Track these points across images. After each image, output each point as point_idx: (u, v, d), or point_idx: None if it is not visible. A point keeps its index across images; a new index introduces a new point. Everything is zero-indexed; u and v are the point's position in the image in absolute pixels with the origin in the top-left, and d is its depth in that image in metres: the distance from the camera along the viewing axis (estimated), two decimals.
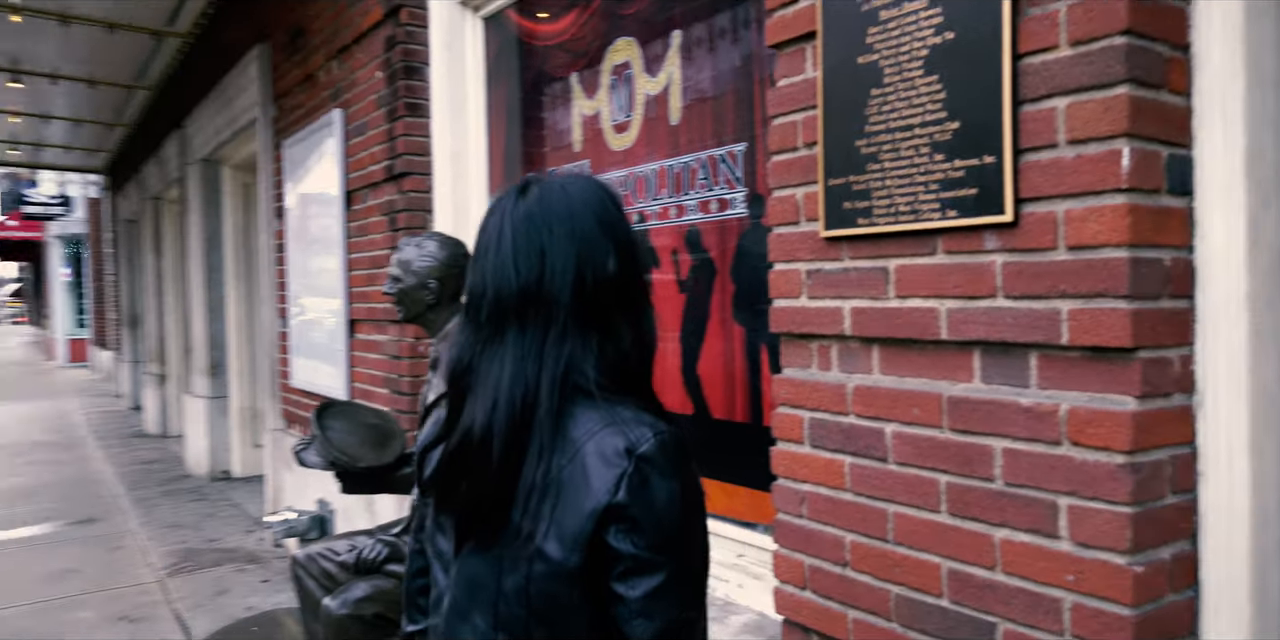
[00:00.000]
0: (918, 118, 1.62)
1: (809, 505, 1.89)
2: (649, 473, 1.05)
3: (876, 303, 1.73)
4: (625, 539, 1.04)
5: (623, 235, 1.17)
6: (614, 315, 1.13)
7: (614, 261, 1.14)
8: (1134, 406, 1.35)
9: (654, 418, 1.10)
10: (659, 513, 1.05)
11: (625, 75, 3.02)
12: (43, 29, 7.51)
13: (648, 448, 1.06)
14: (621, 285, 1.15)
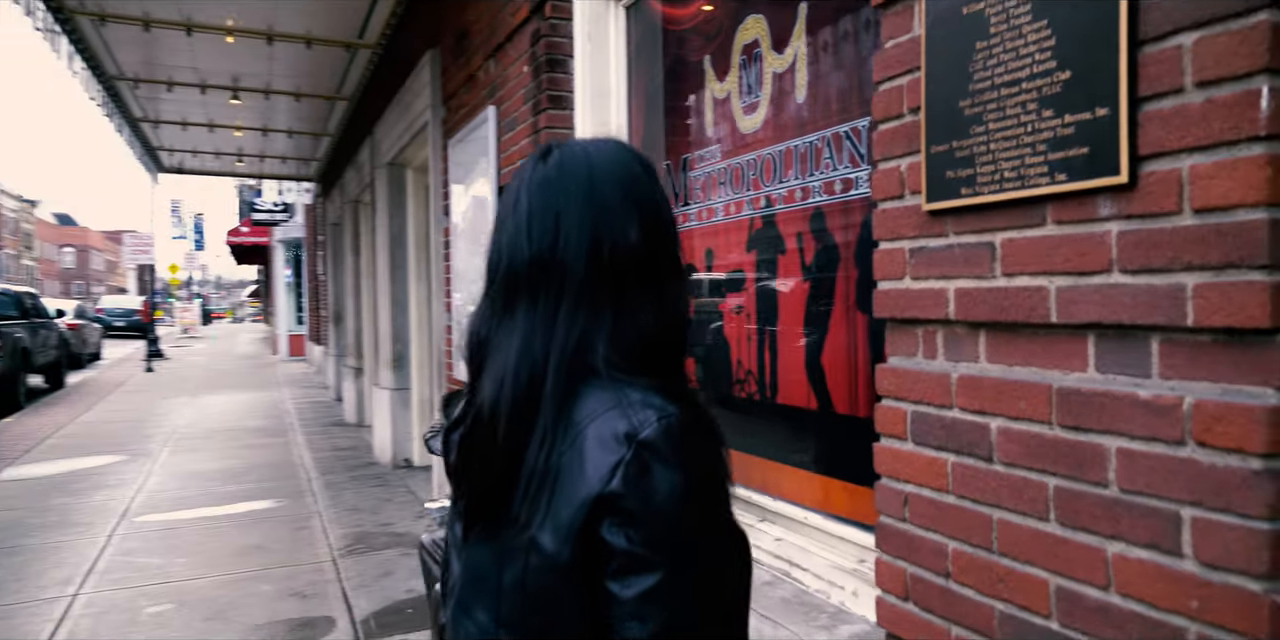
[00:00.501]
0: (1025, 70, 1.42)
1: (911, 508, 1.71)
2: (650, 460, 0.94)
3: (982, 282, 1.53)
4: (619, 533, 0.93)
5: (649, 203, 1.06)
6: (634, 289, 1.03)
7: (637, 231, 1.04)
8: (1274, 400, 1.11)
9: (665, 400, 0.98)
10: (658, 505, 0.93)
11: (754, 54, 2.89)
12: (253, 48, 8.17)
13: (650, 432, 0.94)
14: (645, 257, 1.04)
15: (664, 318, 1.04)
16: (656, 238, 1.05)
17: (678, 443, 0.95)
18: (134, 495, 6.85)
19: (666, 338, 1.05)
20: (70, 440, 9.48)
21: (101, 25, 7.62)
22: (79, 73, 8.36)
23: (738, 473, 2.96)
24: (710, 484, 0.98)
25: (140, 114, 11.29)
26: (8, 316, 13.29)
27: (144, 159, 13.57)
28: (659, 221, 1.06)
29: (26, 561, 5.17)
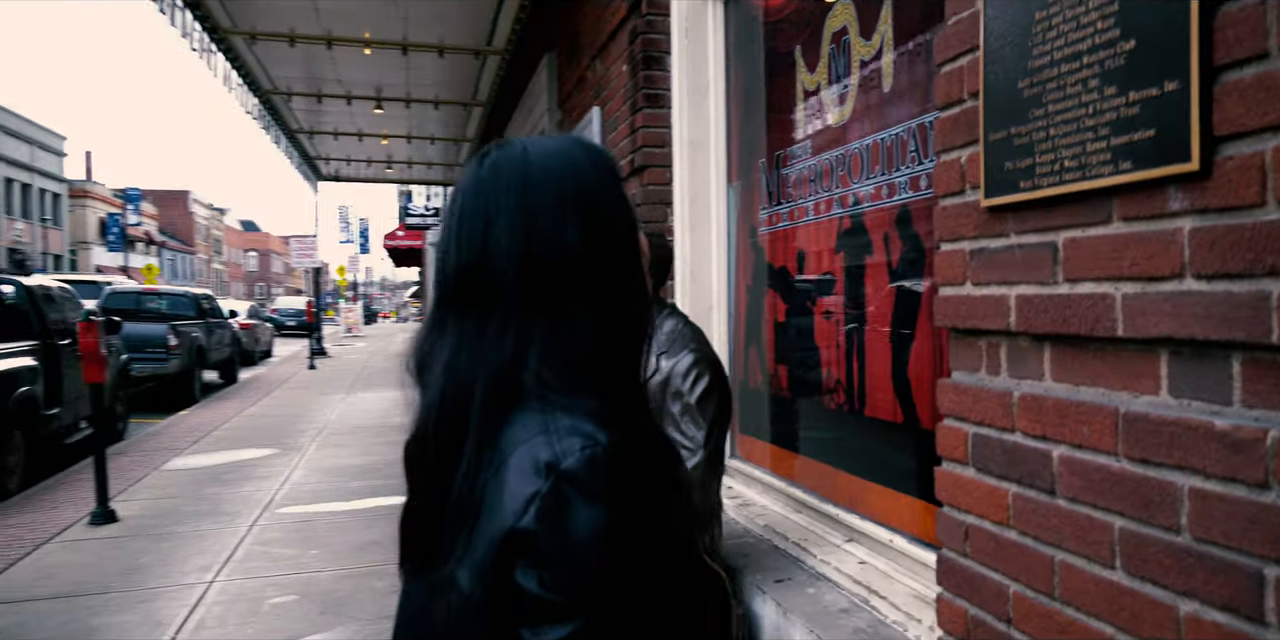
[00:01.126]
0: (1086, 41, 1.21)
1: (972, 542, 1.51)
2: (569, 495, 0.82)
3: (1043, 289, 1.33)
4: (532, 575, 0.82)
5: (593, 204, 0.95)
6: (572, 300, 0.92)
7: (575, 236, 0.92)
8: None
9: (596, 426, 0.86)
10: (575, 546, 0.82)
11: (843, 42, 2.71)
12: (391, 59, 8.49)
13: (572, 462, 0.83)
14: (584, 264, 0.93)
15: (609, 331, 0.93)
16: (601, 242, 0.94)
17: (603, 475, 0.83)
18: (278, 487, 7.20)
19: (612, 353, 0.94)
20: (233, 433, 10.10)
21: (253, 43, 8.09)
22: (235, 89, 8.89)
23: (829, 487, 2.79)
24: (642, 524, 0.85)
25: (296, 126, 11.94)
26: (186, 317, 14.35)
27: (302, 168, 14.36)
28: (605, 225, 0.94)
29: (174, 547, 5.50)
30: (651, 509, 0.86)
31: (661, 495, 0.88)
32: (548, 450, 0.84)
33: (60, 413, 8.16)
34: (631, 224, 0.98)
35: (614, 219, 0.96)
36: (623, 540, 0.84)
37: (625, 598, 0.84)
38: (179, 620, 4.23)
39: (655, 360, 2.54)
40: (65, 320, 8.43)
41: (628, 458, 0.86)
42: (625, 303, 0.95)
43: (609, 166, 0.98)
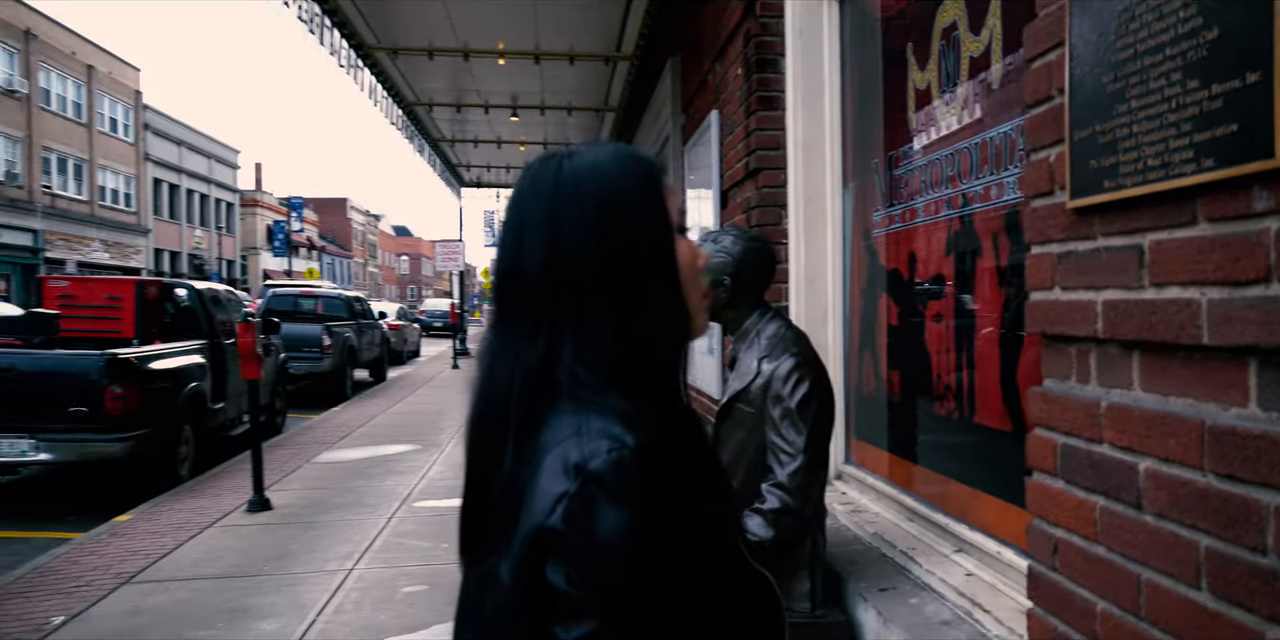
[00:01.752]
0: (1169, 32, 1.15)
1: (1060, 556, 1.45)
2: (595, 496, 0.84)
3: (1130, 293, 1.27)
4: (560, 572, 0.85)
5: (613, 213, 0.96)
6: (595, 304, 0.94)
7: (595, 243, 0.95)
8: None
9: (625, 428, 0.88)
10: (599, 545, 0.84)
11: (952, 38, 2.63)
12: (524, 68, 8.75)
13: (599, 464, 0.85)
14: (604, 270, 0.95)
15: (635, 336, 0.94)
16: (623, 250, 0.95)
17: (628, 477, 0.85)
18: (417, 482, 7.54)
19: (641, 357, 0.95)
20: (378, 429, 10.63)
21: (395, 57, 8.50)
22: (380, 102, 9.36)
23: (940, 495, 2.71)
24: (667, 525, 0.86)
25: (438, 135, 12.46)
26: (339, 318, 15.19)
27: (445, 175, 14.96)
28: (629, 233, 0.96)
29: (320, 536, 5.85)
30: (678, 511, 0.87)
31: (690, 498, 0.89)
32: (577, 451, 0.87)
33: (225, 407, 8.80)
34: (662, 233, 0.98)
35: (639, 228, 0.97)
36: (646, 541, 0.85)
37: (651, 596, 0.85)
38: (320, 604, 4.51)
39: (757, 364, 2.54)
40: (231, 321, 9.09)
41: (654, 461, 0.87)
42: (652, 309, 0.96)
43: (641, 175, 0.99)
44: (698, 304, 0.99)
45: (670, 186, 0.99)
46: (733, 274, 2.57)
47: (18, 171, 29.29)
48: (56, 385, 6.66)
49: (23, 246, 29.24)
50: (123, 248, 35.64)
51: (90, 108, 33.54)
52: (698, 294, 0.99)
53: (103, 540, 5.74)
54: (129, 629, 4.18)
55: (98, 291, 8.19)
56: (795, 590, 2.49)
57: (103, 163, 34.26)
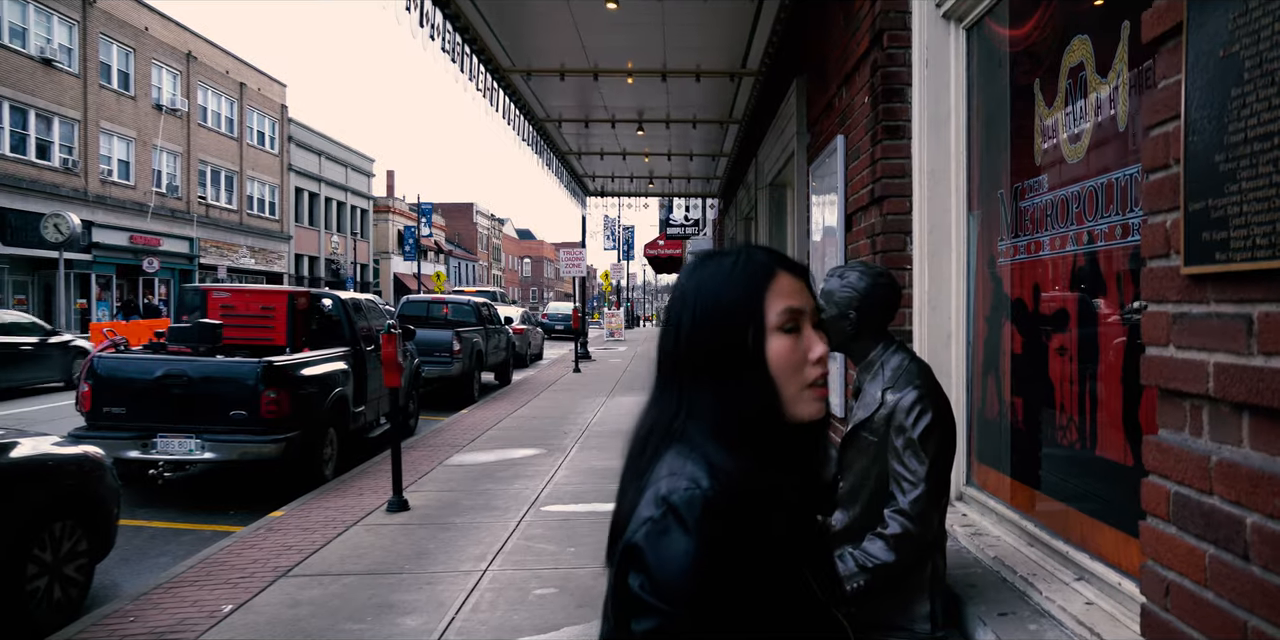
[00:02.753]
0: (1277, 123, 1.25)
1: (1172, 597, 1.54)
2: (670, 524, 1.05)
3: (1240, 359, 1.36)
4: (637, 578, 1.05)
5: (712, 316, 1.16)
6: (701, 379, 1.15)
7: (701, 338, 1.16)
8: None
9: (706, 475, 1.08)
10: (667, 563, 1.03)
11: (1080, 78, 2.69)
12: (651, 85, 9.00)
13: (677, 498, 1.06)
14: (708, 357, 1.15)
15: (730, 405, 1.13)
16: (722, 344, 1.14)
17: (698, 514, 1.04)
18: (543, 486, 7.86)
19: (736, 422, 1.13)
20: (504, 433, 11.06)
21: (528, 79, 8.87)
22: (513, 120, 9.77)
23: (1061, 523, 2.77)
24: (729, 560, 1.03)
25: (565, 148, 12.85)
26: (467, 323, 15.83)
27: (571, 186, 15.38)
28: (725, 332, 1.14)
29: (454, 537, 6.20)
30: (736, 546, 1.04)
31: (747, 539, 1.05)
32: (667, 486, 1.09)
33: (365, 410, 9.35)
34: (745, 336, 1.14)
35: (728, 331, 1.15)
36: (707, 567, 1.03)
37: (702, 610, 1.03)
38: (458, 603, 4.82)
39: (881, 395, 2.66)
40: (370, 327, 9.64)
41: (720, 504, 1.05)
42: (736, 389, 1.14)
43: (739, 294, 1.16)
44: (795, 391, 1.13)
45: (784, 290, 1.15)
46: (858, 308, 2.70)
47: (177, 183, 31.53)
48: (219, 390, 7.27)
49: (181, 253, 31.45)
50: (267, 253, 37.83)
51: (241, 122, 35.79)
52: (797, 383, 1.13)
53: (260, 535, 6.24)
54: (290, 619, 4.58)
55: (253, 302, 8.84)
56: (916, 612, 2.60)
57: (251, 174, 36.50)
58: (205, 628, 4.44)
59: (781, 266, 1.17)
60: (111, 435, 7.11)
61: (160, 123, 30.34)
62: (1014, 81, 3.30)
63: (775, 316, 1.13)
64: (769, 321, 1.13)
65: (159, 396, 7.21)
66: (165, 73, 31.02)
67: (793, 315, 1.14)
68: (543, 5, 6.79)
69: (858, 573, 2.51)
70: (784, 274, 1.16)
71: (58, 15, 25.97)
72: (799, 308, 1.15)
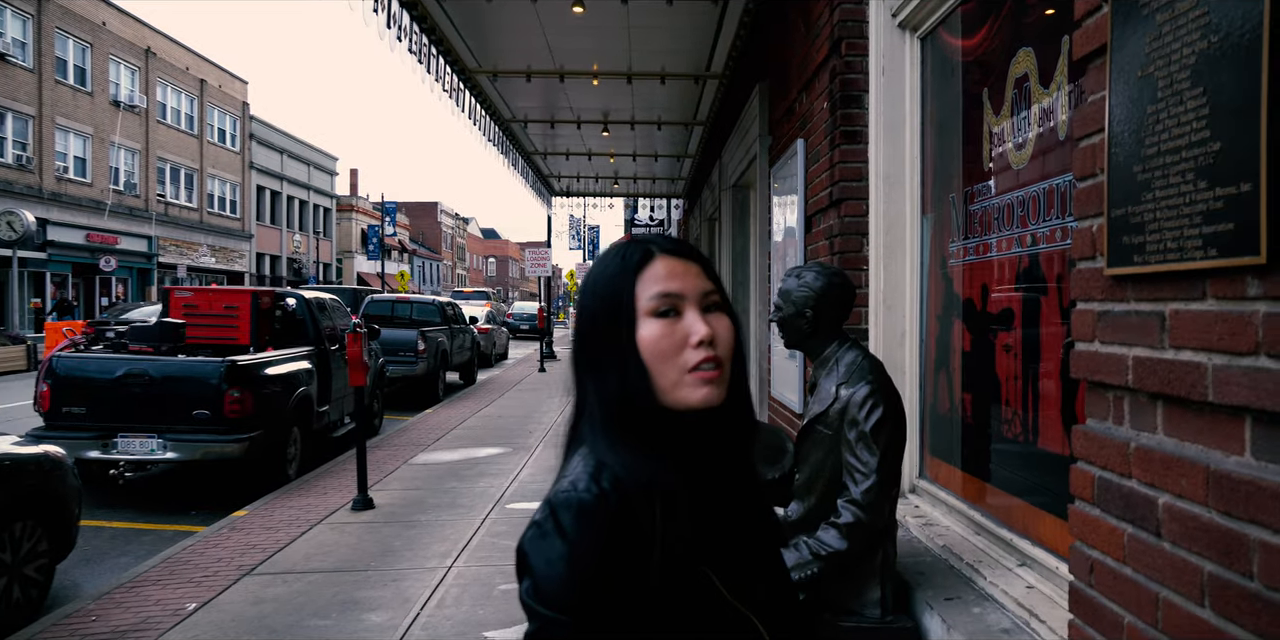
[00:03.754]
0: (1184, 138, 1.37)
1: (1096, 575, 1.67)
2: (549, 527, 1.01)
3: (1154, 353, 1.48)
4: (524, 583, 1.03)
5: (587, 300, 1.13)
6: (582, 370, 1.13)
7: (576, 322, 1.16)
8: None
9: (587, 477, 1.04)
10: (544, 567, 1.00)
11: (1024, 88, 2.83)
12: (616, 87, 9.08)
13: (557, 500, 1.03)
14: (579, 344, 1.14)
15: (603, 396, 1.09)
16: (592, 329, 1.12)
17: (571, 516, 1.00)
18: (508, 484, 7.91)
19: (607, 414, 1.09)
20: (469, 432, 11.09)
21: (494, 80, 8.91)
22: (479, 120, 9.80)
23: (1005, 512, 2.90)
24: (605, 562, 0.99)
25: (531, 148, 12.90)
26: (432, 323, 15.81)
27: (536, 185, 15.41)
28: (594, 316, 1.12)
29: (419, 535, 6.24)
30: (611, 548, 0.99)
31: (630, 540, 1.00)
32: (554, 488, 1.07)
33: (329, 410, 9.34)
34: (612, 319, 1.09)
35: (596, 314, 1.12)
36: (578, 567, 0.99)
37: (584, 613, 0.98)
38: (423, 599, 4.87)
39: (835, 390, 2.78)
40: (334, 327, 9.62)
41: (595, 508, 1.01)
42: (609, 373, 1.09)
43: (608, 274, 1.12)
44: (674, 377, 1.06)
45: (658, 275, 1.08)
46: (814, 306, 2.82)
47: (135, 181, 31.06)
48: (182, 389, 7.23)
49: (139, 252, 30.97)
50: (228, 252, 37.38)
51: (201, 119, 35.33)
52: (675, 368, 1.06)
53: (223, 534, 6.23)
54: (254, 616, 4.61)
55: (216, 301, 8.79)
56: (867, 598, 2.72)
57: (211, 171, 36.04)
58: (168, 626, 4.45)
59: (664, 251, 1.11)
60: (71, 435, 7.05)
61: (118, 119, 29.89)
62: (966, 90, 3.43)
63: (646, 301, 1.07)
64: (639, 306, 1.07)
65: (120, 396, 7.16)
66: (123, 69, 30.55)
67: (667, 299, 1.07)
68: (509, 8, 6.86)
69: (811, 561, 2.63)
70: (664, 258, 1.10)
71: (11, 8, 25.50)
72: (675, 292, 1.07)
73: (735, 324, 1.12)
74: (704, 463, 1.10)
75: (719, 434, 1.12)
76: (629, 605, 0.99)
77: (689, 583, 1.03)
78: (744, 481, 1.18)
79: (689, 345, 1.05)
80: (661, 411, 1.07)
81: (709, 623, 1.04)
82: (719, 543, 1.07)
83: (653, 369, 1.06)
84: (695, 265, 1.11)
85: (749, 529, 1.15)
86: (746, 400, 1.17)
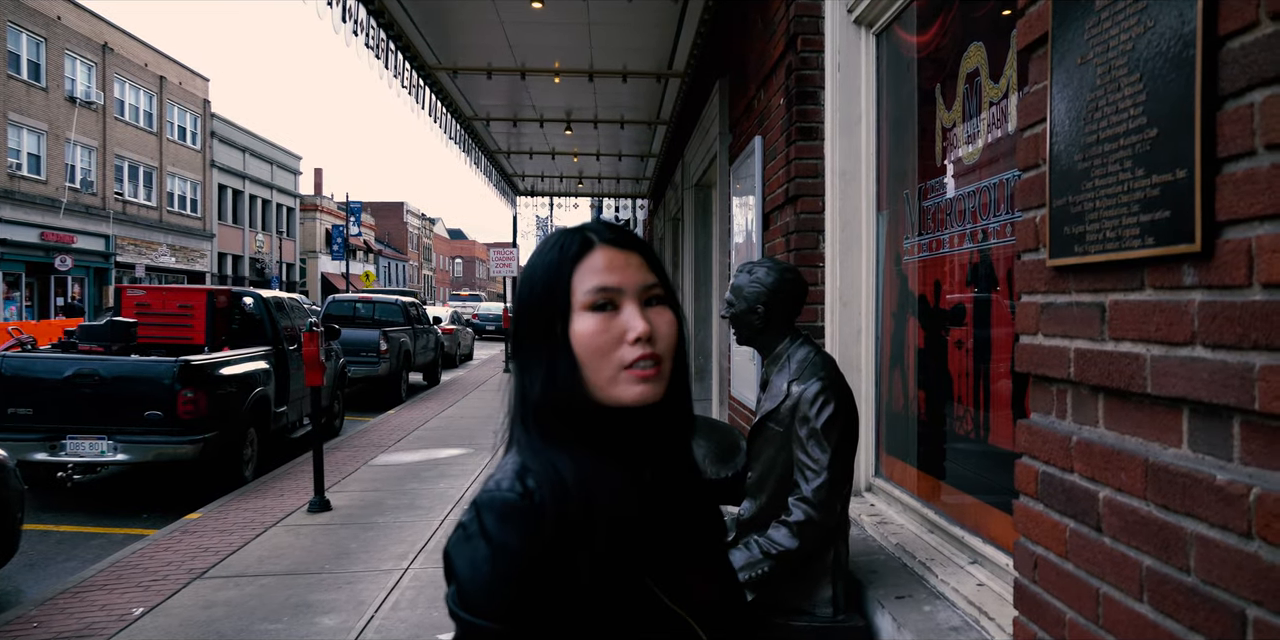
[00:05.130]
0: (1122, 125, 1.35)
1: (1040, 571, 1.65)
2: (471, 527, 0.98)
3: (1095, 345, 1.46)
4: (450, 586, 1.00)
5: (522, 288, 1.09)
6: (516, 364, 1.09)
7: (518, 306, 1.10)
8: None
9: (512, 478, 1.00)
10: (466, 570, 0.97)
11: (975, 83, 2.82)
12: (579, 85, 9.02)
13: (482, 501, 0.99)
14: (515, 335, 1.09)
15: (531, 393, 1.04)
16: (521, 321, 1.07)
17: (495, 518, 0.97)
18: (469, 485, 7.83)
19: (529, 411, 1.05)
20: (431, 433, 10.97)
21: (455, 77, 8.82)
22: (440, 117, 9.70)
23: (958, 510, 2.89)
24: (528, 566, 0.95)
25: (495, 147, 12.80)
26: (395, 323, 15.64)
27: (500, 185, 15.31)
28: (527, 307, 1.07)
29: (377, 537, 6.15)
30: (534, 551, 0.96)
31: (562, 539, 0.97)
32: (480, 488, 1.03)
33: (287, 410, 9.19)
34: (543, 310, 1.05)
35: (528, 305, 1.07)
36: (500, 571, 0.95)
37: (504, 618, 0.95)
38: (378, 601, 4.79)
39: (786, 387, 2.75)
40: (294, 327, 9.47)
41: (517, 504, 0.97)
42: (538, 368, 1.05)
43: (544, 264, 1.07)
44: (609, 374, 1.02)
45: (596, 267, 1.04)
46: (766, 302, 2.79)
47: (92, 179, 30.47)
48: (133, 390, 7.07)
49: (96, 251, 30.38)
50: (188, 252, 36.79)
51: (160, 117, 34.73)
52: (610, 364, 1.02)
53: (175, 537, 6.10)
54: (203, 621, 4.50)
55: (171, 300, 8.62)
56: (819, 597, 2.69)
57: (171, 170, 35.44)
58: (113, 632, 4.34)
59: (604, 241, 1.06)
60: (16, 436, 6.87)
61: (74, 115, 29.29)
62: (920, 86, 3.42)
63: (582, 294, 1.02)
64: (574, 300, 1.03)
65: (69, 397, 6.99)
66: (79, 64, 29.95)
67: (604, 293, 1.03)
68: (469, 4, 6.78)
69: (762, 559, 2.59)
70: (604, 249, 1.05)
71: None
72: (613, 285, 1.03)
73: (678, 318, 1.08)
74: (642, 460, 1.07)
75: (658, 432, 1.08)
76: (557, 609, 0.96)
77: (622, 585, 0.99)
78: (685, 479, 1.14)
79: (625, 341, 1.01)
80: (598, 409, 1.03)
81: (643, 626, 1.00)
82: (657, 543, 1.04)
83: (587, 365, 1.02)
84: (637, 256, 1.06)
85: (690, 527, 1.11)
86: (687, 397, 1.13)
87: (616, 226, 1.11)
